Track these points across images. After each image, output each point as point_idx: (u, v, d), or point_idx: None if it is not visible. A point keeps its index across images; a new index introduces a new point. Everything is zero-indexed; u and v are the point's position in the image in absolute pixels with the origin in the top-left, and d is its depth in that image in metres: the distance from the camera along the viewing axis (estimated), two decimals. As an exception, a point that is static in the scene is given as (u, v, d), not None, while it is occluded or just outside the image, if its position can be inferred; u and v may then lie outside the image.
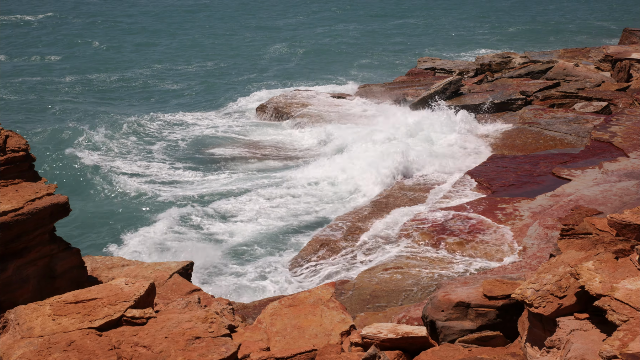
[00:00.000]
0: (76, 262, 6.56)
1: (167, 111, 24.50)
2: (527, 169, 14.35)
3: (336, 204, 14.72)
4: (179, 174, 17.70)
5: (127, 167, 18.18)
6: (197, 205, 15.20)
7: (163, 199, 15.78)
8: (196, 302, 6.59)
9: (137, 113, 23.99)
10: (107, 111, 24.51)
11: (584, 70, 23.48)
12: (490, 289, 6.70)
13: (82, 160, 18.76)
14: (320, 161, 16.96)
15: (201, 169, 18.07)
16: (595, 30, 43.76)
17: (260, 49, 38.61)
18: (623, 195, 11.88)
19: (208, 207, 15.09)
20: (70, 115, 23.74)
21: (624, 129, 16.58)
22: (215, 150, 19.58)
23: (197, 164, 18.48)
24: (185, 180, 17.24)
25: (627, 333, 4.93)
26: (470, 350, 6.32)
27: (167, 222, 14.14)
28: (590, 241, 6.30)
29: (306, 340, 6.57)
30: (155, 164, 18.57)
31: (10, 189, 6.11)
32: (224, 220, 14.41)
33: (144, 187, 16.67)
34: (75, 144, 20.27)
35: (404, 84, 24.85)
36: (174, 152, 19.68)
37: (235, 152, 19.20)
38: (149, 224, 14.23)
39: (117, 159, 18.89)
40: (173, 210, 14.80)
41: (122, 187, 16.62)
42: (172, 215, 14.49)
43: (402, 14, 53.49)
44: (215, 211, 14.88)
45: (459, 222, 11.43)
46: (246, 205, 14.97)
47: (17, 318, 5.67)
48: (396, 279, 9.56)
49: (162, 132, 21.64)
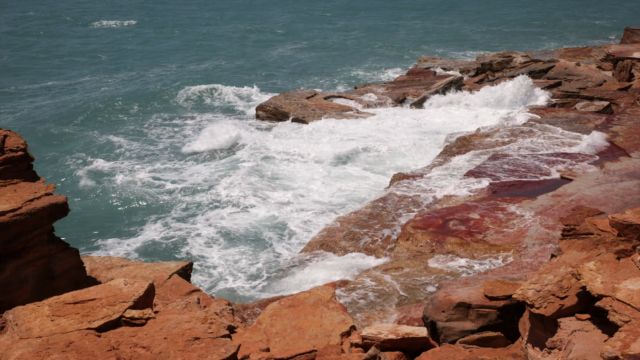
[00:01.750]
0: (75, 262, 6.54)
1: (166, 111, 24.48)
2: (529, 169, 14.32)
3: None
4: (180, 173, 17.69)
5: (127, 166, 18.16)
6: (198, 205, 15.18)
7: (164, 199, 15.76)
8: (195, 303, 6.56)
9: (139, 113, 23.99)
10: (107, 111, 24.49)
11: (586, 70, 23.43)
12: (491, 289, 6.66)
13: (82, 159, 18.74)
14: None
15: (202, 169, 18.05)
16: (596, 30, 43.71)
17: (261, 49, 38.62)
18: (625, 195, 11.83)
19: (209, 206, 15.08)
20: (66, 118, 23.74)
21: (626, 129, 16.54)
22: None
23: (198, 165, 18.45)
24: (186, 180, 17.23)
25: (628, 334, 4.90)
26: (471, 351, 6.28)
27: (167, 222, 14.12)
28: (592, 241, 6.27)
29: (306, 341, 6.54)
30: (155, 163, 18.55)
31: (8, 189, 6.09)
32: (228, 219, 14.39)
33: (144, 187, 16.65)
34: (75, 143, 20.26)
35: (405, 83, 24.82)
36: (176, 152, 19.66)
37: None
38: (149, 224, 14.21)
39: (118, 158, 18.87)
40: (173, 209, 14.79)
41: (121, 187, 16.61)
42: (172, 215, 14.48)
43: (402, 13, 53.43)
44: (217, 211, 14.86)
45: (460, 222, 11.40)
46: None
47: (15, 319, 5.65)
48: (397, 279, 9.53)
49: (162, 134, 21.62)
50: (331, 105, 22.37)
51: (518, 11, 54.30)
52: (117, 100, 25.85)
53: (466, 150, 16.25)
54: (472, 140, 16.92)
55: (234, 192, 15.83)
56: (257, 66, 33.83)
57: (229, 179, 16.79)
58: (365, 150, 18.37)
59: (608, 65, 24.14)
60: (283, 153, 18.68)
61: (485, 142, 16.71)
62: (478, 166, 14.74)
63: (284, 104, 22.48)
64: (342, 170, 17.32)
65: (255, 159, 18.18)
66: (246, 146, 19.43)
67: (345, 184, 16.26)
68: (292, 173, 17.20)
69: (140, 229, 13.98)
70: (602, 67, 24.32)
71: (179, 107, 25.33)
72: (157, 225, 14.02)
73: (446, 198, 12.84)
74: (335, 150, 18.36)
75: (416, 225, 11.39)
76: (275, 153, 18.72)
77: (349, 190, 15.88)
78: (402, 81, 25.47)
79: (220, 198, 15.67)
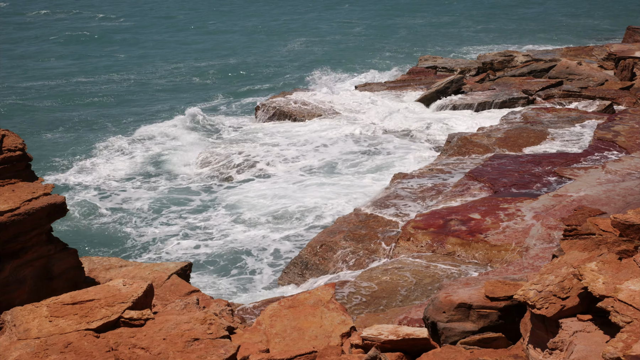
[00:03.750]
0: (73, 262, 6.51)
1: (163, 112, 24.45)
2: (530, 169, 14.26)
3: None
4: (181, 174, 17.65)
5: (127, 166, 18.13)
6: (199, 206, 15.16)
7: (164, 199, 15.73)
8: (195, 304, 6.53)
9: (141, 114, 23.96)
10: (107, 112, 24.47)
11: (587, 69, 23.38)
12: (492, 290, 6.63)
13: (81, 159, 18.72)
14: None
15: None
16: (598, 29, 43.64)
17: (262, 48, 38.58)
18: (627, 195, 11.79)
19: (209, 208, 15.05)
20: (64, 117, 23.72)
21: (628, 128, 16.49)
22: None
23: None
24: (187, 180, 17.20)
25: (630, 335, 4.88)
26: (472, 352, 6.25)
27: (166, 222, 14.11)
28: (594, 242, 6.23)
29: (306, 341, 6.51)
30: (155, 164, 18.52)
31: (6, 188, 6.06)
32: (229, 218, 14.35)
33: (144, 187, 16.62)
34: (74, 143, 20.25)
35: (405, 82, 24.79)
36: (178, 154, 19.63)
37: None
38: (149, 223, 14.19)
39: (118, 159, 18.84)
40: (173, 209, 14.77)
41: (121, 187, 16.59)
42: (171, 215, 14.46)
43: (402, 12, 53.38)
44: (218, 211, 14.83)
45: (461, 222, 11.35)
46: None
47: (13, 319, 5.62)
48: (397, 279, 9.49)
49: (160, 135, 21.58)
50: (331, 104, 22.35)
51: (519, 10, 54.22)
52: (117, 100, 25.85)
53: (467, 150, 16.21)
54: (473, 139, 16.87)
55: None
56: (256, 66, 33.80)
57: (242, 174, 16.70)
58: (364, 153, 18.29)
59: (610, 65, 24.07)
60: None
61: (487, 142, 16.67)
62: (479, 166, 14.68)
63: (284, 103, 22.46)
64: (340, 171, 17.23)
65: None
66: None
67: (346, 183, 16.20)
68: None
69: (140, 228, 13.96)
70: (604, 67, 24.25)
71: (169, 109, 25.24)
72: (157, 225, 14.00)
73: (447, 198, 12.78)
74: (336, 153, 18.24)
75: (417, 225, 11.34)
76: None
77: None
78: (402, 80, 25.43)
79: (220, 197, 15.64)
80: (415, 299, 9.00)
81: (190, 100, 26.31)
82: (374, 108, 21.62)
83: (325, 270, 10.86)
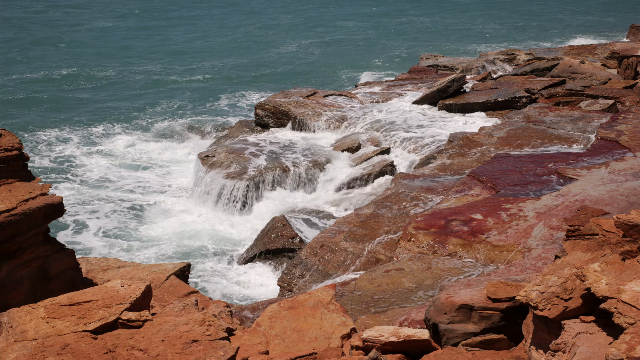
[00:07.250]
0: (71, 263, 6.47)
1: (160, 113, 24.43)
2: (532, 169, 14.19)
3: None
4: (183, 174, 17.62)
5: (127, 166, 18.10)
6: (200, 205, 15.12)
7: (163, 199, 15.71)
8: (193, 305, 6.48)
9: (137, 113, 23.94)
10: (107, 109, 24.46)
11: (590, 68, 23.28)
12: (494, 291, 6.57)
13: (80, 159, 18.70)
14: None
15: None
16: (601, 27, 43.54)
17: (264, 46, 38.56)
18: (630, 196, 11.71)
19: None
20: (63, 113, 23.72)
21: (631, 128, 16.39)
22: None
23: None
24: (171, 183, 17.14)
25: (634, 336, 4.83)
26: (473, 354, 6.20)
27: (165, 221, 14.08)
28: (597, 242, 6.18)
29: (306, 343, 6.45)
30: (156, 164, 18.50)
31: (3, 188, 6.02)
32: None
33: (144, 187, 16.59)
34: (73, 143, 20.22)
35: (406, 81, 24.72)
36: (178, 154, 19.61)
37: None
38: (149, 223, 14.17)
39: (118, 158, 18.82)
40: (171, 209, 14.73)
41: (121, 187, 16.56)
42: (170, 215, 14.43)
43: (403, 11, 53.32)
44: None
45: (462, 222, 11.29)
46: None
47: (10, 321, 5.57)
48: (398, 280, 9.43)
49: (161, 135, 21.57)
50: (330, 103, 22.29)
51: (521, 8, 54.12)
52: (116, 99, 25.83)
53: (468, 150, 16.14)
54: (475, 139, 16.80)
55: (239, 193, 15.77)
56: (256, 65, 33.75)
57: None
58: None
59: (613, 63, 23.96)
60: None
61: (488, 142, 16.60)
62: (481, 166, 14.61)
63: (284, 102, 22.39)
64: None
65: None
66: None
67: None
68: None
69: (138, 228, 13.93)
70: (607, 65, 24.14)
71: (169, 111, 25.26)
72: (156, 225, 13.97)
73: (448, 198, 12.72)
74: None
75: (418, 225, 11.28)
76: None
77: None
78: (403, 79, 25.34)
79: (221, 198, 15.59)
80: (416, 300, 8.95)
81: (183, 100, 26.31)
82: (374, 107, 21.57)
83: (326, 270, 10.81)
